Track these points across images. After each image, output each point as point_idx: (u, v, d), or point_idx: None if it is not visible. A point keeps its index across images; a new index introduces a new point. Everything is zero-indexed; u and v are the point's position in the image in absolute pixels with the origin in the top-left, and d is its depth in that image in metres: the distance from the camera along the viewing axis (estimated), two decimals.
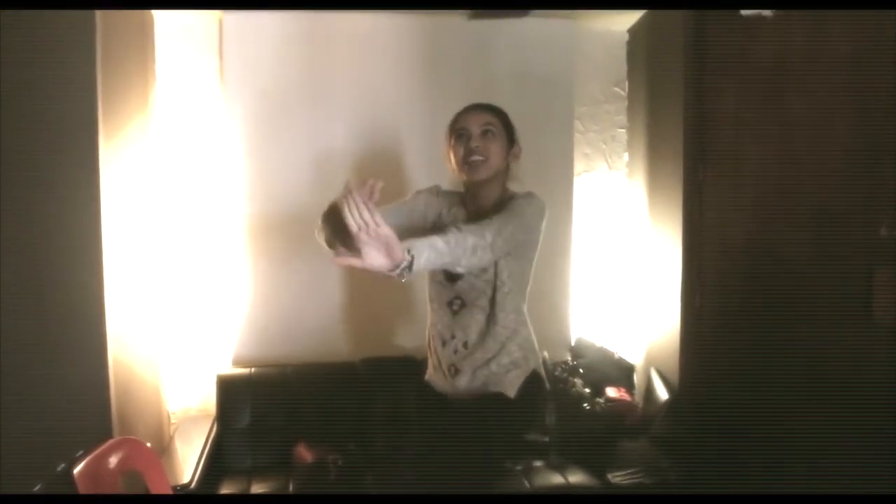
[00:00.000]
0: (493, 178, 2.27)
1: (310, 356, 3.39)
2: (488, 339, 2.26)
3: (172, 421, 3.41)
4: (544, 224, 2.28)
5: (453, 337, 2.30)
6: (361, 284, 3.46)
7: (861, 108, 3.02)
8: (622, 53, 3.71)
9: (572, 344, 3.64)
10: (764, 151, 3.14)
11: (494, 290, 2.24)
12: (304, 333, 3.43)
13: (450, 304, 2.31)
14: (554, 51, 3.57)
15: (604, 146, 3.73)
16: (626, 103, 3.73)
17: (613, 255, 3.75)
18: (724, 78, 3.14)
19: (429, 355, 2.44)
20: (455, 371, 2.29)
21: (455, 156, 2.27)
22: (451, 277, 2.28)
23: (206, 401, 3.39)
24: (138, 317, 3.02)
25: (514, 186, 2.37)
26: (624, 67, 3.72)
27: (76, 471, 1.98)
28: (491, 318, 2.25)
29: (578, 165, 3.69)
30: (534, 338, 2.35)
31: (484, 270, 2.23)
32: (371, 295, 3.48)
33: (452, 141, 2.29)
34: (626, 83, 3.72)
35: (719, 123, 3.19)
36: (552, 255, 3.61)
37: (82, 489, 1.96)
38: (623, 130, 3.73)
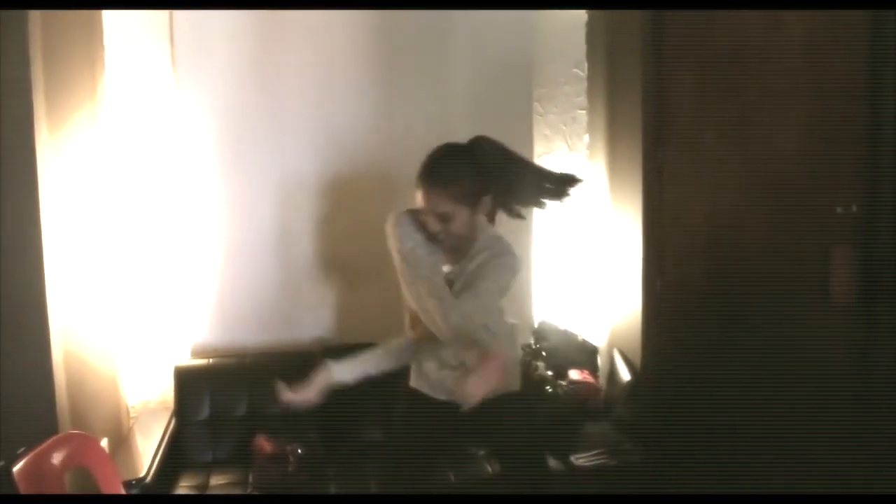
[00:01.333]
0: (460, 238, 2.28)
1: (270, 345, 3.35)
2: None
3: (132, 415, 3.36)
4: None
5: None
6: (324, 272, 3.42)
7: (817, 90, 3.02)
8: (581, 34, 3.67)
9: (535, 327, 3.62)
10: (722, 132, 3.14)
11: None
12: (265, 322, 3.39)
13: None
14: (513, 32, 3.53)
15: (564, 128, 3.70)
16: (585, 84, 3.70)
17: (575, 238, 3.73)
18: (682, 59, 3.14)
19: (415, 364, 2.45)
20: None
21: (425, 223, 2.25)
22: None
23: (166, 393, 3.33)
24: (91, 310, 2.96)
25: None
26: (583, 48, 3.68)
27: (16, 469, 1.93)
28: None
29: (538, 147, 3.66)
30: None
31: None
32: (333, 283, 3.44)
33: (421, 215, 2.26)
34: (586, 64, 3.69)
35: (678, 105, 3.18)
36: (512, 238, 3.55)
37: (24, 488, 1.91)
38: (583, 112, 3.70)
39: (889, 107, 2.71)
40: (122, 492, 2.28)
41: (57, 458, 2.09)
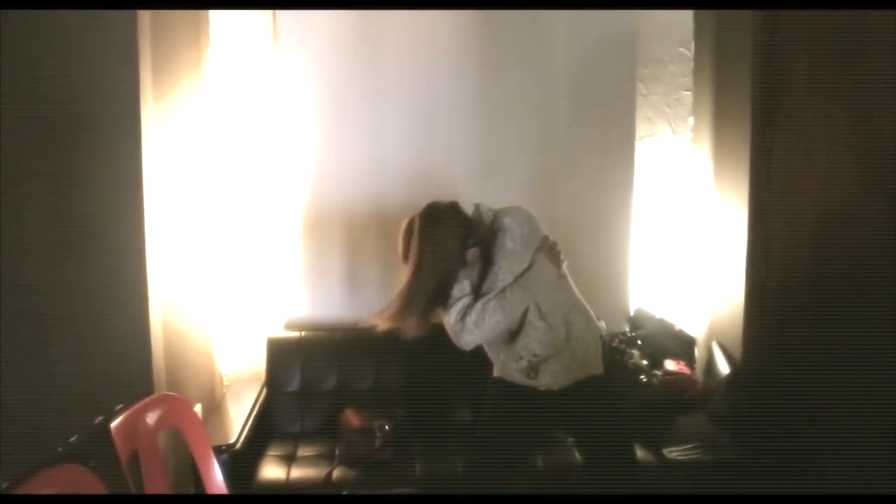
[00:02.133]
0: None
1: (361, 321, 3.36)
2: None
3: (226, 384, 3.43)
4: (540, 225, 2.37)
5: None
6: None
7: None
8: (688, 12, 3.52)
9: (631, 314, 3.52)
10: (836, 116, 2.94)
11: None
12: (357, 298, 3.40)
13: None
14: (616, 10, 3.41)
15: (667, 109, 3.57)
16: (691, 64, 3.55)
17: (676, 223, 3.60)
18: (795, 38, 2.96)
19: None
20: (535, 373, 2.37)
21: None
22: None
23: (259, 364, 3.38)
24: (190, 283, 3.03)
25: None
26: (690, 27, 3.53)
27: (113, 425, 1.98)
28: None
29: (641, 129, 3.53)
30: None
31: None
32: None
33: None
34: (693, 43, 3.54)
35: (790, 86, 3.01)
36: (612, 223, 3.49)
37: (119, 443, 1.95)
38: (688, 93, 3.56)
39: None
40: (212, 454, 2.31)
41: (151, 418, 2.14)
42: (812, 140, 3.00)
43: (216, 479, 2.31)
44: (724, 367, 3.25)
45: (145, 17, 2.52)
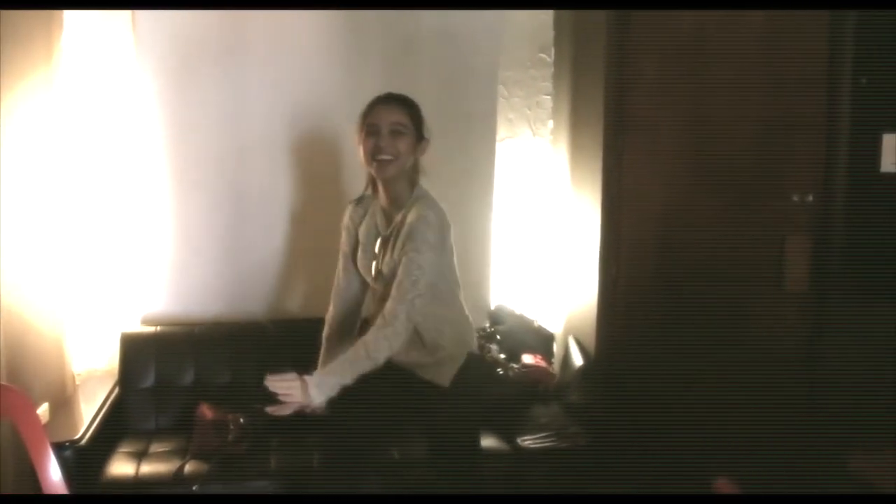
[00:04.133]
0: (399, 175, 2.35)
1: (219, 316, 3.32)
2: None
3: (77, 382, 3.31)
4: (451, 233, 2.38)
5: None
6: (275, 245, 3.39)
7: (775, 80, 3.02)
8: (549, 19, 3.66)
9: (491, 310, 3.61)
10: (682, 120, 3.14)
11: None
12: (215, 293, 3.35)
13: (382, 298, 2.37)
14: (481, 13, 3.50)
15: (528, 112, 3.69)
16: (551, 69, 3.69)
17: (535, 223, 3.72)
18: (645, 46, 3.12)
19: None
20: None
21: (364, 150, 2.33)
22: (377, 281, 2.41)
23: (114, 361, 3.28)
24: (39, 276, 2.92)
25: (423, 180, 2.46)
26: (551, 33, 3.67)
27: None
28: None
29: (502, 131, 3.63)
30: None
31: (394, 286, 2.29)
32: (283, 256, 3.41)
33: (363, 135, 2.33)
34: (553, 49, 3.67)
35: (639, 92, 3.18)
36: (473, 221, 3.56)
37: None
38: (548, 97, 3.69)
39: (845, 97, 2.72)
40: (49, 450, 2.23)
41: None
42: (660, 143, 3.18)
43: (52, 475, 2.23)
44: (578, 361, 3.38)
45: None
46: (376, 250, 2.42)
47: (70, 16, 3.18)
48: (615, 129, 3.22)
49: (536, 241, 3.73)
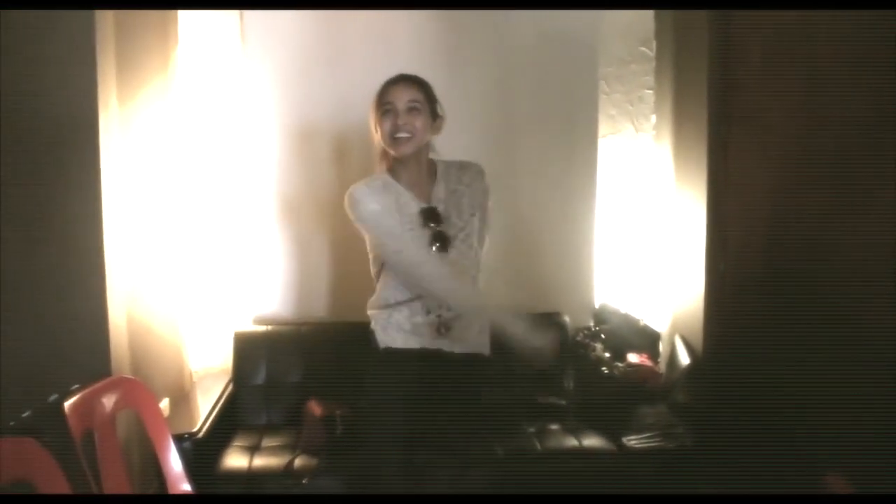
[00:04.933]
0: (417, 152, 2.37)
1: (328, 316, 3.40)
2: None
3: (194, 379, 3.46)
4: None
5: (439, 306, 2.32)
6: None
7: (889, 67, 2.87)
8: (649, 12, 3.60)
9: (596, 309, 3.57)
10: (789, 109, 3.02)
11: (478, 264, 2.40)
12: (323, 294, 3.45)
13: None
14: (579, 8, 3.47)
15: (630, 108, 3.64)
16: (653, 64, 3.62)
17: (639, 220, 3.66)
18: (750, 36, 3.03)
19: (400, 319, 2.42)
20: (447, 329, 2.32)
21: (382, 130, 2.34)
22: (442, 247, 2.34)
23: (228, 360, 3.41)
24: (157, 279, 3.08)
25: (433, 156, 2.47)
26: (651, 26, 3.61)
27: (67, 403, 2.01)
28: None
29: (603, 128, 3.60)
30: None
31: (471, 247, 2.36)
32: None
33: (379, 115, 2.35)
34: (654, 43, 3.61)
35: (745, 83, 3.08)
36: (576, 220, 3.55)
37: (73, 422, 1.98)
38: (650, 92, 3.63)
39: None
40: (170, 441, 2.34)
41: (108, 399, 2.17)
42: (766, 136, 3.07)
43: (174, 466, 2.34)
44: (685, 360, 3.31)
45: (107, 17, 2.58)
46: (430, 223, 2.36)
47: (184, 25, 3.34)
48: (720, 123, 3.14)
49: (641, 238, 3.67)
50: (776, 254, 3.07)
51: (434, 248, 2.32)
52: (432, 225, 2.34)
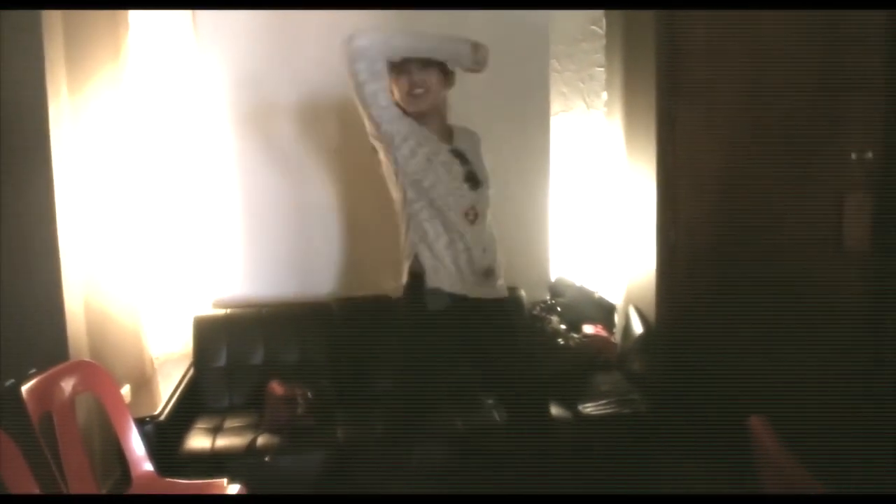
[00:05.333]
0: (432, 108, 2.45)
1: (287, 298, 3.43)
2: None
3: (156, 365, 3.48)
4: None
5: (476, 245, 2.41)
6: (338, 228, 3.49)
7: (832, 38, 2.96)
8: None
9: (551, 282, 3.64)
10: (736, 85, 3.11)
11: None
12: (282, 276, 3.47)
13: (466, 214, 2.40)
14: (535, 9, 3.51)
15: (581, 85, 3.70)
16: (603, 42, 3.69)
17: (592, 195, 3.73)
18: (695, 12, 3.10)
19: (438, 264, 2.37)
20: (490, 272, 2.44)
21: (398, 88, 2.41)
22: (473, 185, 2.43)
23: (189, 345, 3.43)
24: (116, 266, 3.09)
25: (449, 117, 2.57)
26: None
27: (25, 387, 2.03)
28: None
29: (555, 105, 3.65)
30: None
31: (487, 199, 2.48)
32: (348, 238, 3.50)
33: (394, 74, 2.39)
34: (604, 20, 3.67)
35: (692, 58, 3.16)
36: (530, 196, 3.60)
37: (31, 405, 2.01)
38: (601, 69, 3.69)
39: None
40: (132, 424, 2.37)
41: (66, 383, 2.20)
42: (713, 109, 3.15)
43: (135, 448, 2.37)
44: (638, 329, 3.39)
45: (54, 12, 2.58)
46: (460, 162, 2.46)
47: (134, 14, 3.32)
48: (668, 98, 3.21)
49: (595, 213, 3.74)
50: (725, 224, 3.17)
51: (466, 185, 2.41)
52: (461, 165, 2.43)
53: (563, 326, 3.38)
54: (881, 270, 2.82)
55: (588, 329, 3.41)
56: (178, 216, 3.50)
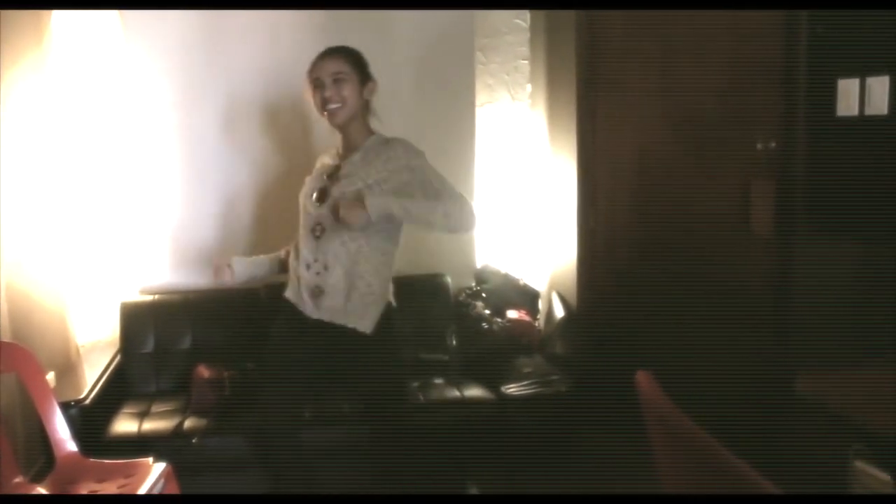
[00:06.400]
0: (352, 118, 2.53)
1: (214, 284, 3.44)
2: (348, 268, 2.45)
3: (82, 353, 3.46)
4: None
5: (315, 261, 2.46)
6: (263, 215, 3.52)
7: (737, 31, 3.12)
8: None
9: (477, 269, 3.73)
10: (647, 74, 3.25)
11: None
12: (209, 262, 3.43)
13: (312, 229, 2.48)
14: (463, 10, 3.58)
15: (506, 77, 3.80)
16: (527, 35, 3.79)
17: (516, 185, 3.84)
18: (613, 8, 3.23)
19: (291, 276, 2.58)
20: (319, 292, 2.46)
21: (315, 103, 2.53)
22: (321, 201, 2.48)
23: (116, 331, 3.42)
24: (41, 252, 3.06)
25: (374, 123, 2.64)
26: None
27: None
28: (353, 249, 2.44)
29: (481, 96, 3.75)
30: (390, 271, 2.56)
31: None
32: (273, 225, 3.53)
33: (311, 90, 2.52)
34: (528, 14, 3.78)
35: (609, 51, 3.30)
36: (456, 185, 3.63)
37: None
38: (525, 62, 3.80)
39: (802, 46, 2.81)
40: (55, 406, 2.38)
41: None
42: (630, 101, 3.29)
43: (59, 429, 2.38)
44: (560, 313, 3.51)
45: None
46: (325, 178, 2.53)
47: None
48: (588, 89, 3.34)
49: (519, 202, 3.85)
50: (642, 208, 3.31)
51: (313, 197, 2.50)
52: (324, 181, 2.52)
53: (487, 311, 3.48)
54: (783, 251, 2.98)
55: (512, 314, 3.52)
56: (104, 203, 3.48)
